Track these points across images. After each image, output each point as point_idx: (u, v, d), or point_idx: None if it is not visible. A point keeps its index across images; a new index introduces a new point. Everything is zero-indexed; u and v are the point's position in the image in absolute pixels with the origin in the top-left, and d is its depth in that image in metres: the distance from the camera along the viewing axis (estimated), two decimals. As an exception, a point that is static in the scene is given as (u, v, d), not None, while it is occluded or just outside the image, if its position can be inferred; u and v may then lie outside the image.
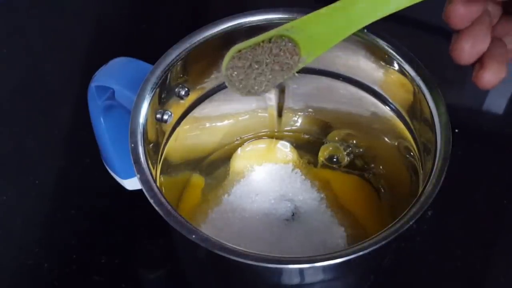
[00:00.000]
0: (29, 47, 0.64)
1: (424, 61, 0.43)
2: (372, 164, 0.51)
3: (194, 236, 0.36)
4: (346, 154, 0.52)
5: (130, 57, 0.45)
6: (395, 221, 0.37)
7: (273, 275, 0.40)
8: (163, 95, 0.43)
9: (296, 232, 0.47)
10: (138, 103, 0.41)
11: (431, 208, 0.38)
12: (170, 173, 0.47)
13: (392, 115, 0.46)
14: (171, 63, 0.43)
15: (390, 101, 0.46)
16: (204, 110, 0.48)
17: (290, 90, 0.50)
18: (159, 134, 0.44)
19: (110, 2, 0.70)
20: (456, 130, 0.43)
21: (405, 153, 0.46)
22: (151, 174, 0.39)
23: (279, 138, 0.53)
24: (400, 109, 0.46)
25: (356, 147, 0.52)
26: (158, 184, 0.40)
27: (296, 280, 0.41)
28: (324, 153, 0.52)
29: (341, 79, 0.48)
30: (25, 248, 0.51)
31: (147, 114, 0.41)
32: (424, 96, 0.42)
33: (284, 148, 0.52)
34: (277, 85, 0.41)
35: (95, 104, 0.46)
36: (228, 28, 0.44)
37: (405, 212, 0.37)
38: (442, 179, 0.38)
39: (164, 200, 0.38)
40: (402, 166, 0.46)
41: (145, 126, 0.41)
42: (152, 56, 0.44)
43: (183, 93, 0.45)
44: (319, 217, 0.48)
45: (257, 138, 0.53)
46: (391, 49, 0.43)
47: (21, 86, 0.61)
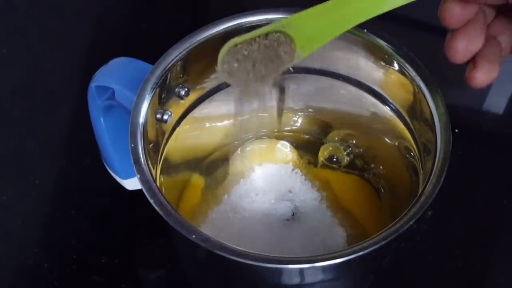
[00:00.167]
0: (29, 47, 0.64)
1: (424, 61, 0.43)
2: (372, 164, 0.51)
3: (194, 236, 0.36)
4: (346, 154, 0.52)
5: (130, 57, 0.45)
6: (395, 221, 0.37)
7: (273, 275, 0.40)
8: (163, 95, 0.43)
9: (296, 232, 0.47)
10: (138, 103, 0.41)
11: (431, 208, 0.38)
12: (170, 173, 0.47)
13: (392, 115, 0.46)
14: (171, 63, 0.43)
15: (390, 101, 0.46)
16: (204, 110, 0.48)
17: (290, 90, 0.50)
18: (159, 134, 0.44)
19: (110, 2, 0.70)
20: (456, 130, 0.43)
21: (405, 153, 0.46)
22: (151, 174, 0.39)
23: (279, 138, 0.53)
24: (400, 109, 0.46)
25: (356, 147, 0.52)
26: (158, 184, 0.40)
27: (296, 280, 0.41)
28: (324, 153, 0.52)
29: (341, 79, 0.48)
30: (25, 248, 0.51)
31: (147, 114, 0.41)
32: (424, 96, 0.42)
33: (284, 148, 0.52)
34: (273, 80, 0.41)
35: (95, 104, 0.45)
36: (228, 28, 0.44)
37: (405, 212, 0.37)
38: (442, 179, 0.38)
39: (164, 200, 0.38)
40: (402, 166, 0.46)
41: (145, 126, 0.41)
42: (152, 56, 0.43)
43: (183, 93, 0.45)
44: (319, 217, 0.48)
45: (257, 138, 0.53)
46: (391, 49, 0.43)
47: (21, 86, 0.61)
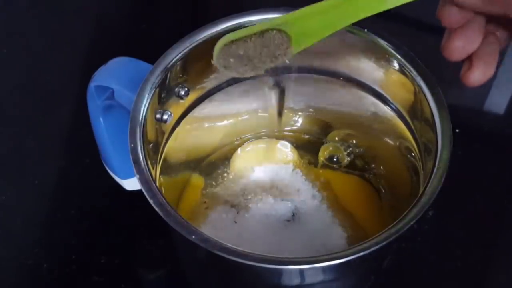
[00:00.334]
0: (29, 47, 0.64)
1: (425, 61, 0.43)
2: (372, 164, 0.51)
3: (194, 237, 0.36)
4: (347, 154, 0.52)
5: (129, 56, 0.45)
6: (395, 221, 0.37)
7: (273, 276, 0.40)
8: (162, 95, 0.43)
9: (296, 233, 0.47)
10: (137, 103, 0.41)
11: (431, 209, 0.38)
12: (169, 173, 0.47)
13: (392, 115, 0.46)
14: (171, 63, 0.43)
15: (391, 101, 0.46)
16: (204, 110, 0.48)
17: (290, 90, 0.50)
18: (159, 134, 0.44)
19: (110, 2, 0.70)
20: (457, 130, 0.43)
21: (406, 153, 0.46)
22: (151, 174, 0.39)
23: (279, 138, 0.53)
24: (400, 109, 0.46)
25: (356, 147, 0.52)
26: (157, 184, 0.40)
27: (296, 281, 0.41)
28: (325, 153, 0.52)
29: (341, 79, 0.48)
30: (25, 248, 0.51)
31: (146, 114, 0.41)
32: (425, 96, 0.42)
33: (285, 148, 0.52)
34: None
35: (95, 104, 0.45)
36: (228, 28, 0.44)
37: (405, 212, 0.37)
38: (443, 179, 0.38)
39: (163, 201, 0.38)
40: (403, 166, 0.46)
41: (145, 126, 0.41)
42: (151, 56, 0.43)
43: (182, 93, 0.45)
44: (319, 217, 0.48)
45: (257, 138, 0.53)
46: (392, 48, 0.43)
47: (21, 86, 0.61)
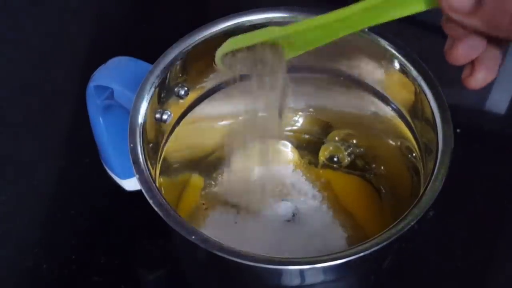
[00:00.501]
0: (28, 47, 0.64)
1: (426, 61, 0.43)
2: (373, 165, 0.51)
3: (193, 237, 0.36)
4: (347, 154, 0.52)
5: (129, 56, 0.45)
6: (396, 221, 0.37)
7: (273, 276, 0.40)
8: (162, 95, 0.43)
9: (296, 233, 0.47)
10: (137, 102, 0.41)
11: (432, 209, 0.38)
12: (169, 173, 0.47)
13: (393, 114, 0.46)
14: (171, 62, 0.43)
15: (391, 100, 0.46)
16: (204, 110, 0.48)
17: (290, 90, 0.50)
18: (159, 134, 0.44)
19: (110, 2, 0.70)
20: (458, 130, 0.43)
21: (407, 153, 0.46)
22: (150, 174, 0.39)
23: (279, 138, 0.53)
24: (401, 109, 0.45)
25: (357, 147, 0.52)
26: (157, 184, 0.40)
27: (296, 281, 0.41)
28: (325, 153, 0.52)
29: (342, 78, 0.48)
30: (25, 249, 0.51)
31: (146, 114, 0.41)
32: (426, 96, 0.41)
33: (285, 148, 0.52)
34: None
35: (94, 104, 0.45)
36: (228, 27, 0.44)
37: (406, 212, 0.37)
38: (444, 179, 0.38)
39: (163, 201, 0.38)
40: (403, 166, 0.46)
41: (144, 126, 0.41)
42: (151, 55, 0.43)
43: (182, 92, 0.45)
44: (319, 218, 0.48)
45: (257, 138, 0.53)
46: (393, 48, 0.43)
47: (21, 86, 0.61)
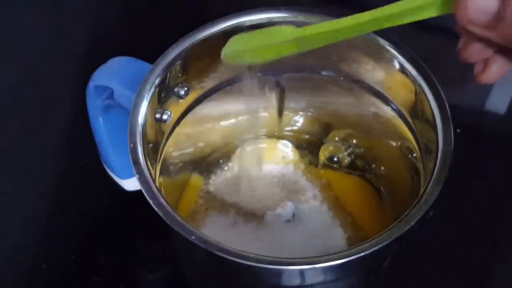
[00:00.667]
0: (29, 47, 0.64)
1: (426, 61, 0.42)
2: (373, 165, 0.51)
3: (193, 237, 0.36)
4: (347, 154, 0.52)
5: (129, 56, 0.45)
6: (396, 221, 0.37)
7: (273, 276, 0.40)
8: (162, 95, 0.43)
9: (296, 233, 0.47)
10: (137, 102, 0.41)
11: (432, 209, 0.38)
12: (169, 173, 0.47)
13: (393, 115, 0.46)
14: (171, 62, 0.43)
15: (391, 101, 0.46)
16: (204, 110, 0.48)
17: (290, 90, 0.50)
18: (158, 134, 0.44)
19: (110, 2, 0.69)
20: (458, 130, 0.43)
21: (407, 153, 0.46)
22: (150, 174, 0.39)
23: (279, 138, 0.53)
24: (401, 109, 0.45)
25: (357, 147, 0.52)
26: (157, 184, 0.40)
27: (296, 282, 0.41)
28: (325, 152, 0.52)
29: (342, 78, 0.48)
30: (24, 249, 0.51)
31: (146, 114, 0.41)
32: (426, 96, 0.41)
33: (285, 148, 0.52)
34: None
35: (94, 104, 0.45)
36: (227, 27, 0.44)
37: (406, 212, 0.37)
38: (444, 179, 0.38)
39: (163, 201, 0.38)
40: (404, 166, 0.46)
41: (144, 126, 0.41)
42: (151, 55, 0.43)
43: (182, 92, 0.45)
44: (319, 218, 0.48)
45: (257, 138, 0.53)
46: (393, 48, 0.43)
47: (20, 86, 0.61)
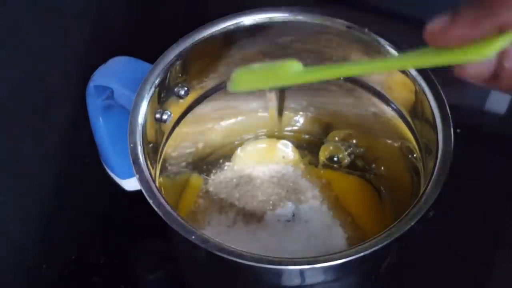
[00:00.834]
0: (28, 47, 0.64)
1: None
2: (373, 165, 0.51)
3: (193, 237, 0.36)
4: (347, 154, 0.52)
5: (129, 56, 0.45)
6: (396, 221, 0.37)
7: (273, 276, 0.40)
8: (162, 95, 0.43)
9: (296, 233, 0.47)
10: (137, 102, 0.41)
11: (432, 209, 0.38)
12: (169, 173, 0.47)
13: (393, 115, 0.46)
14: (171, 62, 0.43)
15: (391, 101, 0.46)
16: (204, 110, 0.48)
17: (290, 90, 0.50)
18: (158, 134, 0.44)
19: (110, 2, 0.69)
20: (458, 130, 0.43)
21: (407, 153, 0.46)
22: (150, 174, 0.39)
23: (279, 138, 0.53)
24: (401, 109, 0.45)
25: (357, 147, 0.52)
26: (157, 184, 0.40)
27: (296, 281, 0.41)
28: (325, 152, 0.52)
29: (342, 78, 0.48)
30: (24, 249, 0.51)
31: (146, 114, 0.41)
32: (426, 96, 0.41)
33: (285, 148, 0.52)
34: None
35: (94, 104, 0.45)
36: (228, 27, 0.44)
37: (406, 212, 0.37)
38: (444, 179, 0.38)
39: (163, 201, 0.38)
40: (404, 166, 0.46)
41: (144, 126, 0.41)
42: (151, 55, 0.43)
43: (182, 92, 0.45)
44: (320, 218, 0.48)
45: (257, 138, 0.53)
46: (393, 48, 0.43)
47: (20, 86, 0.61)
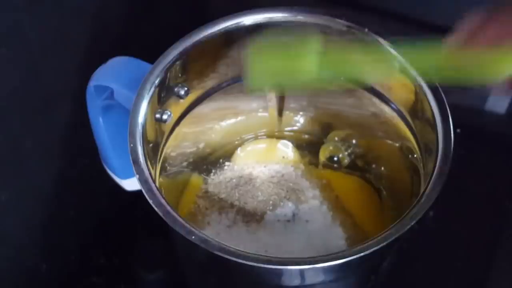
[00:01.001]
0: (27, 46, 0.64)
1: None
2: (373, 165, 0.51)
3: (193, 237, 0.36)
4: (347, 154, 0.52)
5: (129, 56, 0.45)
6: (396, 222, 0.37)
7: (273, 276, 0.40)
8: (162, 95, 0.43)
9: (296, 233, 0.47)
10: (137, 102, 0.41)
11: (432, 209, 0.38)
12: (169, 173, 0.47)
13: (393, 115, 0.46)
14: (171, 62, 0.43)
15: (391, 101, 0.46)
16: (204, 110, 0.48)
17: (290, 90, 0.50)
18: (159, 134, 0.44)
19: (110, 2, 0.69)
20: (458, 130, 0.43)
21: (407, 153, 0.46)
22: (150, 174, 0.39)
23: (279, 138, 0.53)
24: (401, 109, 0.45)
25: (357, 147, 0.52)
26: (157, 184, 0.40)
27: (296, 281, 0.41)
28: (325, 152, 0.52)
29: (342, 78, 0.48)
30: (24, 250, 0.51)
31: (146, 113, 0.41)
32: (426, 96, 0.41)
33: (285, 148, 0.52)
34: None
35: (94, 104, 0.45)
36: (228, 27, 0.44)
37: (406, 213, 0.37)
38: (444, 179, 0.38)
39: (163, 201, 0.38)
40: (404, 166, 0.46)
41: (144, 126, 0.41)
42: (151, 55, 0.43)
43: (182, 92, 0.45)
44: (320, 218, 0.48)
45: (257, 138, 0.53)
46: (393, 48, 0.43)
47: (19, 86, 0.60)
